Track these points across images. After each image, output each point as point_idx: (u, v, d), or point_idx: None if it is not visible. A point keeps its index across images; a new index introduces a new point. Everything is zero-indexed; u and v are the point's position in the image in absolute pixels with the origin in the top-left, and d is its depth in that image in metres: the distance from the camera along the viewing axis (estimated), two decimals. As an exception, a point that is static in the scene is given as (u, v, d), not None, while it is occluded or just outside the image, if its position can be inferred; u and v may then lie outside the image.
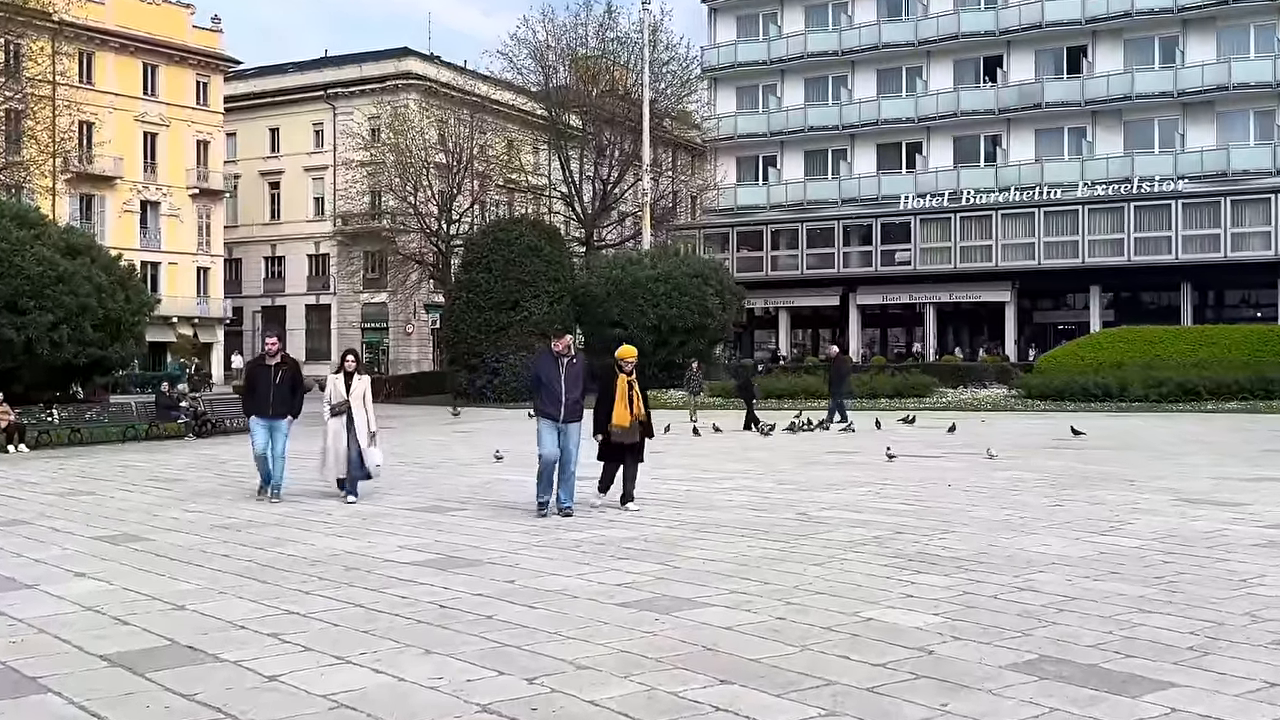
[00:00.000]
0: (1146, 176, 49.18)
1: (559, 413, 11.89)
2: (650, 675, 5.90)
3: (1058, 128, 52.52)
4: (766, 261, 55.50)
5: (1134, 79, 50.30)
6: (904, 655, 6.25)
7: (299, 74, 67.29)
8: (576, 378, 12.01)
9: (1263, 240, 45.68)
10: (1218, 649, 6.35)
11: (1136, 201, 48.03)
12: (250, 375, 14.55)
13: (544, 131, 53.77)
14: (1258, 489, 13.66)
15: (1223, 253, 46.16)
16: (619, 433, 12.24)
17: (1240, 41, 49.13)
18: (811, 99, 57.58)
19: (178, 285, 60.37)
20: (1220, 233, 46.22)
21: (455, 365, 41.33)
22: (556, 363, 12.06)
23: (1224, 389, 31.98)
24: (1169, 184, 48.53)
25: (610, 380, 12.34)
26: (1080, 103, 51.43)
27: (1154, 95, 49.99)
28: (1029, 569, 8.72)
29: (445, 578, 8.63)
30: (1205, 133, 49.53)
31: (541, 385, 12.03)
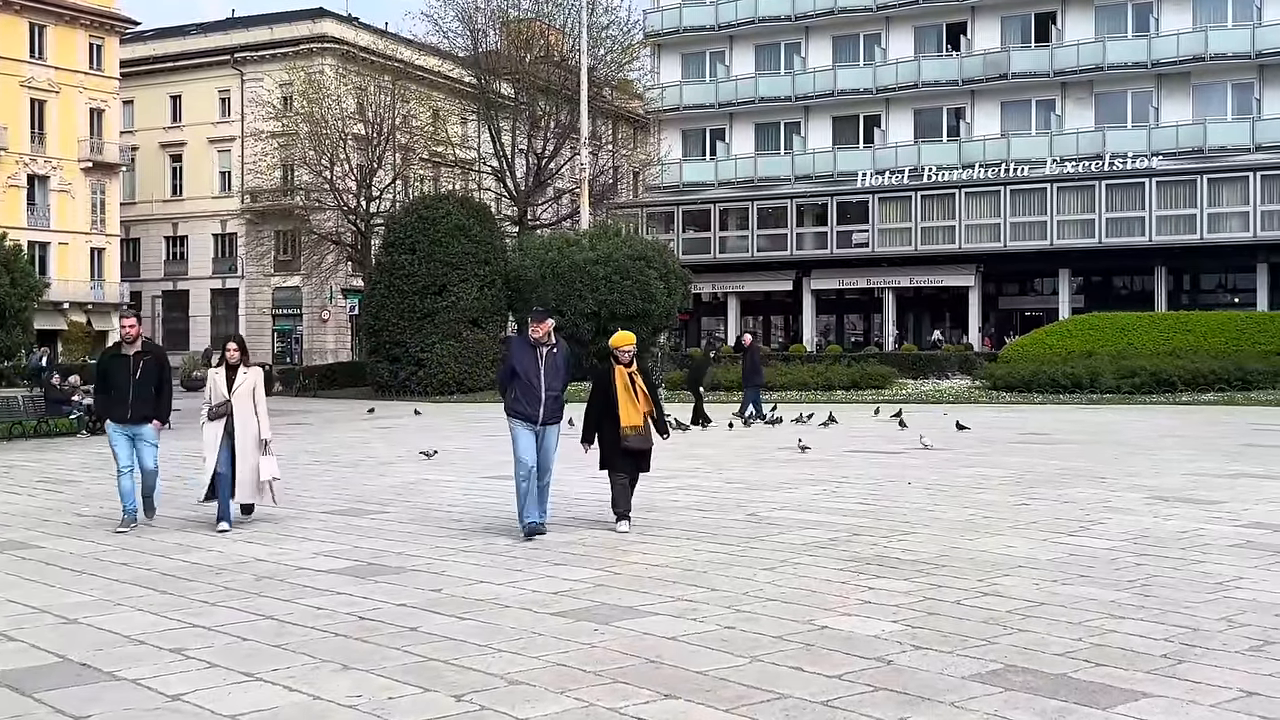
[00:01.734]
0: (1119, 153, 49.91)
1: (537, 412, 10.65)
2: (589, 690, 5.90)
3: (1025, 100, 53.14)
4: (714, 243, 55.66)
5: (1106, 48, 50.99)
6: (861, 666, 6.30)
7: (203, 36, 66.46)
8: (558, 369, 10.77)
9: (1241, 221, 46.53)
10: (1193, 656, 6.46)
11: (1108, 180, 48.72)
12: (102, 368, 12.03)
13: (473, 101, 53.52)
14: (1234, 486, 13.91)
15: (1199, 234, 46.97)
16: (633, 438, 10.90)
17: (1217, 9, 49.96)
18: (763, 68, 57.78)
19: (69, 268, 59.45)
20: (1196, 213, 47.02)
21: (376, 355, 41.06)
22: (534, 352, 10.71)
23: (1200, 379, 32.57)
24: (1142, 161, 49.29)
25: (606, 376, 11.11)
26: (1049, 73, 52.05)
27: (1127, 66, 50.72)
28: (994, 572, 8.82)
29: (365, 586, 8.58)
30: (1180, 106, 50.33)
31: (516, 379, 10.71)
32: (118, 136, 62.43)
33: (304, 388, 45.64)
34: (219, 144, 64.87)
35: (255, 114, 57.92)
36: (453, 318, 39.14)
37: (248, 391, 11.66)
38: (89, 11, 60.01)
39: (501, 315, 42.01)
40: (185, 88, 65.52)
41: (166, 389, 11.91)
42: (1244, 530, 10.68)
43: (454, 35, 51.29)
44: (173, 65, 65.42)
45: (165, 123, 66.22)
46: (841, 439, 21.29)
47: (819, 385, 35.69)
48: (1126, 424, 24.55)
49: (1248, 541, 10.08)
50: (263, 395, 11.81)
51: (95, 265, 61.09)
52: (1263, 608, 7.59)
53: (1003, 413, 28.38)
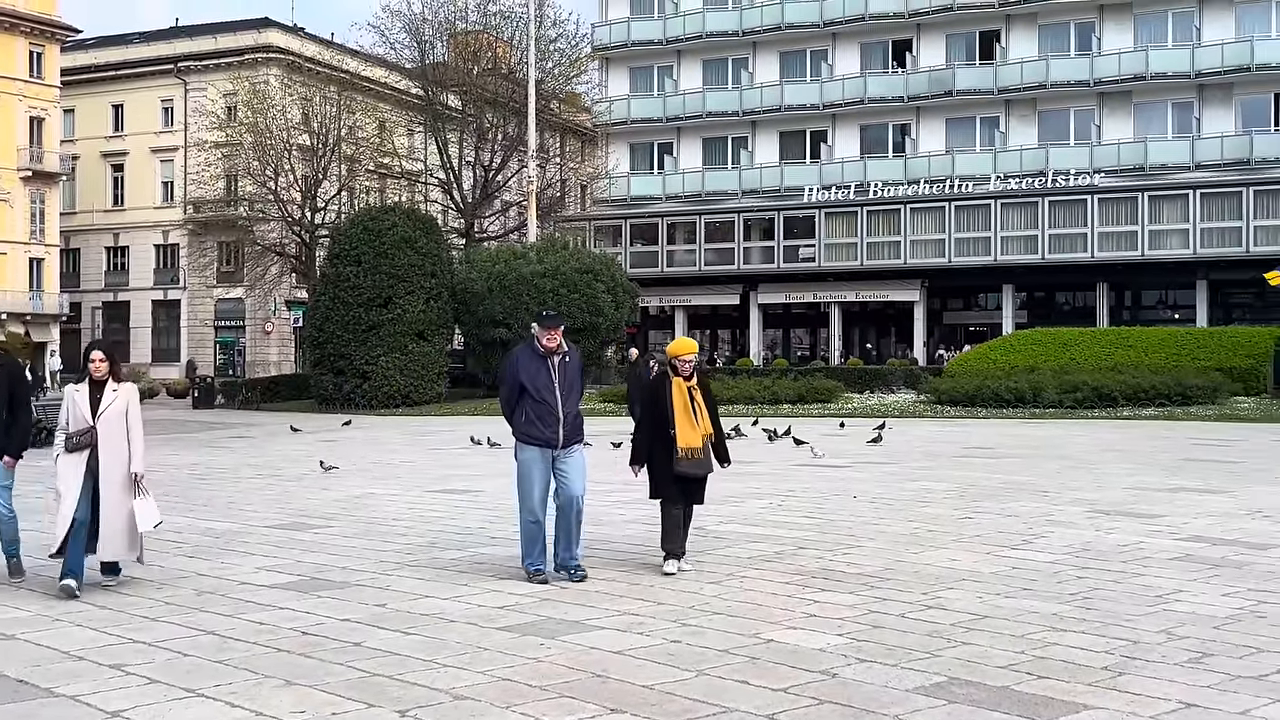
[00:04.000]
0: (1062, 170, 50.54)
1: (557, 434, 9.08)
2: (534, 705, 5.90)
3: (969, 117, 53.71)
4: (662, 256, 55.79)
5: (1049, 66, 51.66)
6: (806, 679, 6.34)
7: (146, 45, 65.82)
8: (574, 382, 9.30)
9: (1181, 238, 47.24)
10: (1133, 669, 6.55)
11: (1051, 196, 49.32)
12: None
13: (420, 112, 53.38)
14: (1175, 500, 14.11)
15: (1140, 251, 47.63)
16: (689, 463, 9.35)
17: (1158, 29, 50.77)
18: (710, 82, 58.03)
19: (7, 278, 58.63)
20: (1138, 230, 47.68)
21: (320, 368, 40.76)
22: (546, 364, 9.18)
23: (1141, 394, 32.98)
24: (1085, 178, 49.94)
25: (661, 389, 9.56)
26: (993, 91, 52.66)
27: (1069, 84, 51.40)
28: (938, 585, 8.90)
29: (309, 601, 8.52)
30: (1122, 124, 51.08)
31: (526, 397, 9.13)
32: (58, 145, 61.70)
33: (246, 401, 45.23)
34: (161, 154, 64.26)
35: (199, 124, 57.44)
36: (398, 330, 38.94)
37: (118, 415, 9.00)
38: (29, 19, 59.30)
39: (448, 328, 41.86)
40: (127, 97, 64.86)
41: (21, 414, 9.47)
42: (1183, 544, 10.84)
43: (401, 47, 51.26)
44: (115, 74, 64.77)
45: (107, 132, 65.50)
46: (788, 452, 21.37)
47: (766, 399, 35.82)
48: (1069, 438, 24.82)
49: (1187, 555, 10.23)
50: (138, 419, 9.16)
51: (34, 275, 60.29)
52: (1201, 620, 7.71)
53: (947, 427, 28.61)
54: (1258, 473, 17.51)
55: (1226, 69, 49.03)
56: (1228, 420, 30.23)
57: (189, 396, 48.69)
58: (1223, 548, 10.56)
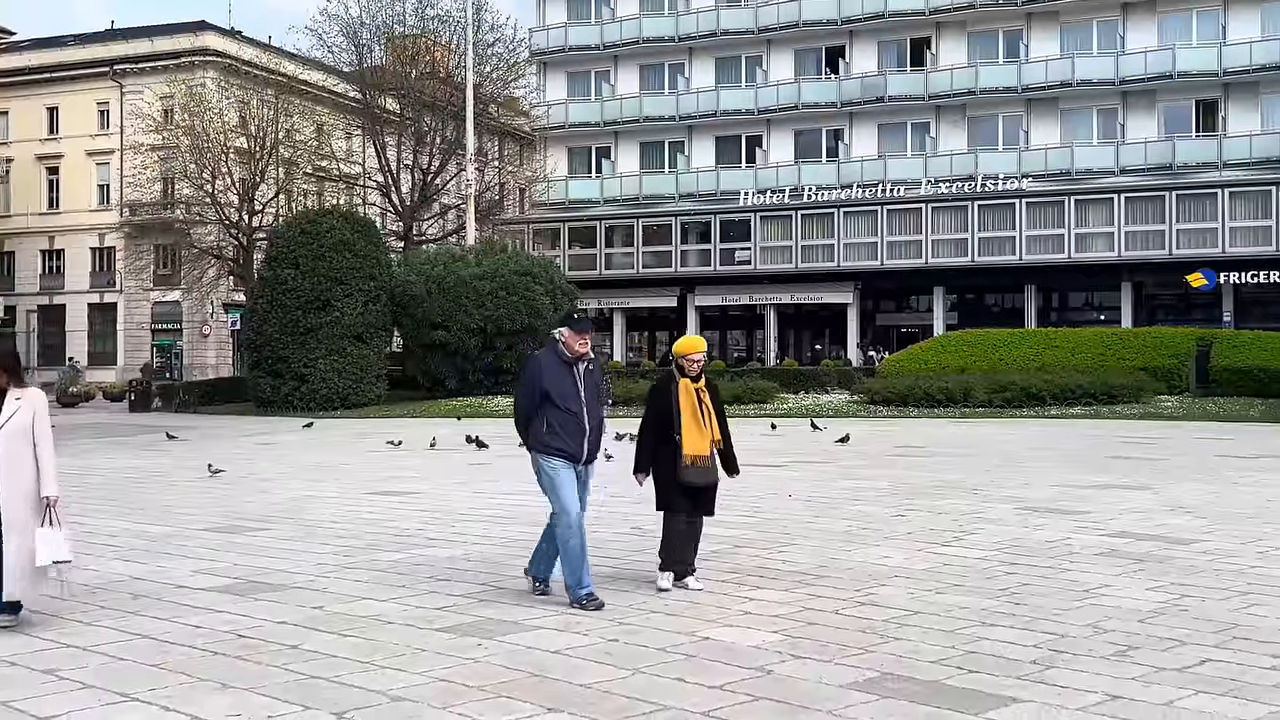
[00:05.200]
0: (990, 174, 51.05)
1: (582, 446, 8.36)
2: (472, 705, 5.87)
3: (901, 122, 54.14)
4: (600, 259, 55.74)
5: (978, 73, 52.20)
6: (742, 676, 6.35)
7: (81, 47, 64.76)
8: (599, 391, 8.66)
9: (1106, 241, 47.90)
10: (1060, 662, 6.63)
11: (980, 200, 49.83)
12: None
13: (358, 116, 52.97)
14: (1101, 496, 14.31)
15: (1067, 254, 48.23)
16: (695, 470, 8.63)
17: (1084, 37, 51.46)
18: (647, 87, 58.11)
19: (-61, 281, 57.48)
20: (1064, 233, 48.27)
21: (257, 371, 40.33)
22: (572, 371, 8.42)
23: (1068, 394, 33.42)
24: (1013, 182, 50.48)
25: (668, 391, 8.79)
26: (924, 97, 53.12)
27: (998, 90, 51.96)
28: (871, 582, 8.96)
29: (246, 604, 8.42)
30: (1049, 130, 51.72)
31: (549, 406, 8.35)
32: (-9, 148, 60.58)
33: (184, 404, 44.65)
34: (97, 156, 63.25)
35: (135, 127, 56.54)
36: (336, 333, 38.61)
37: (20, 430, 7.64)
38: (-39, 20, 58.20)
39: (386, 330, 41.58)
40: (62, 99, 63.76)
41: None
42: (1109, 539, 10.99)
43: (338, 50, 50.80)
44: (49, 76, 63.61)
45: (42, 134, 64.35)
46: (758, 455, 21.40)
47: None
48: (998, 437, 25.10)
49: (1113, 550, 10.37)
50: (46, 432, 7.76)
51: (-33, 279, 59.17)
52: (1126, 614, 7.82)
53: (880, 426, 28.83)
54: (1180, 470, 17.81)
55: (1149, 76, 49.78)
56: (1152, 419, 30.71)
57: (125, 399, 47.99)
58: (1147, 543, 10.73)
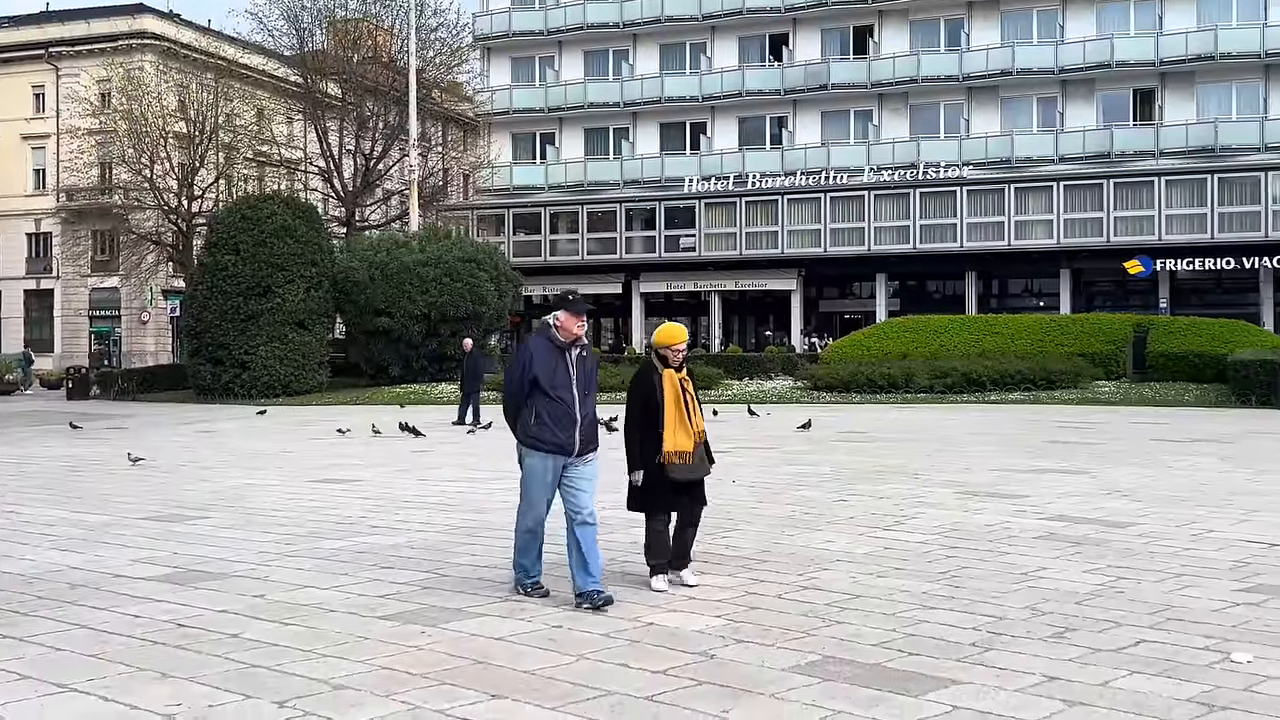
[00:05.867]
0: (932, 162, 51.43)
1: (573, 438, 7.83)
2: (415, 693, 5.85)
3: (844, 110, 54.41)
4: (545, 246, 55.61)
5: (920, 62, 52.54)
6: (685, 661, 6.37)
7: (15, 30, 63.58)
8: (591, 379, 8.06)
9: (1045, 228, 48.41)
10: (999, 644, 6.70)
11: (922, 188, 50.17)
12: None
13: (299, 100, 52.42)
14: (1039, 481, 14.48)
15: (1007, 241, 48.69)
16: (680, 466, 8.16)
17: (1024, 26, 51.94)
18: (591, 73, 58.00)
19: None
20: (1004, 220, 48.74)
21: (198, 358, 39.89)
22: (564, 357, 7.89)
23: (1008, 379, 33.79)
24: (954, 170, 50.89)
25: (650, 382, 8.25)
26: (867, 85, 53.39)
27: (940, 79, 52.35)
28: (813, 567, 9.02)
29: (185, 593, 8.33)
30: (990, 118, 52.19)
31: (538, 394, 7.82)
32: (-76, 131, 59.39)
33: (123, 391, 44.09)
34: (32, 141, 62.19)
35: (71, 110, 55.59)
36: (278, 319, 38.27)
37: None
38: (-110, 0, 56.96)
39: (329, 317, 41.26)
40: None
41: None
42: (1047, 523, 11.12)
43: (279, 34, 50.26)
44: (-18, 59, 62.51)
45: (-26, 118, 63.23)
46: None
47: (646, 387, 35.90)
48: (939, 422, 25.33)
49: (1051, 533, 10.50)
50: None
51: (-102, 265, 58.00)
52: (1064, 596, 7.92)
53: (823, 412, 29.00)
54: (1117, 454, 18.06)
55: (1088, 66, 50.35)
56: (1090, 404, 31.12)
57: (63, 387, 47.30)
58: (1084, 526, 10.87)
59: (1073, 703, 5.59)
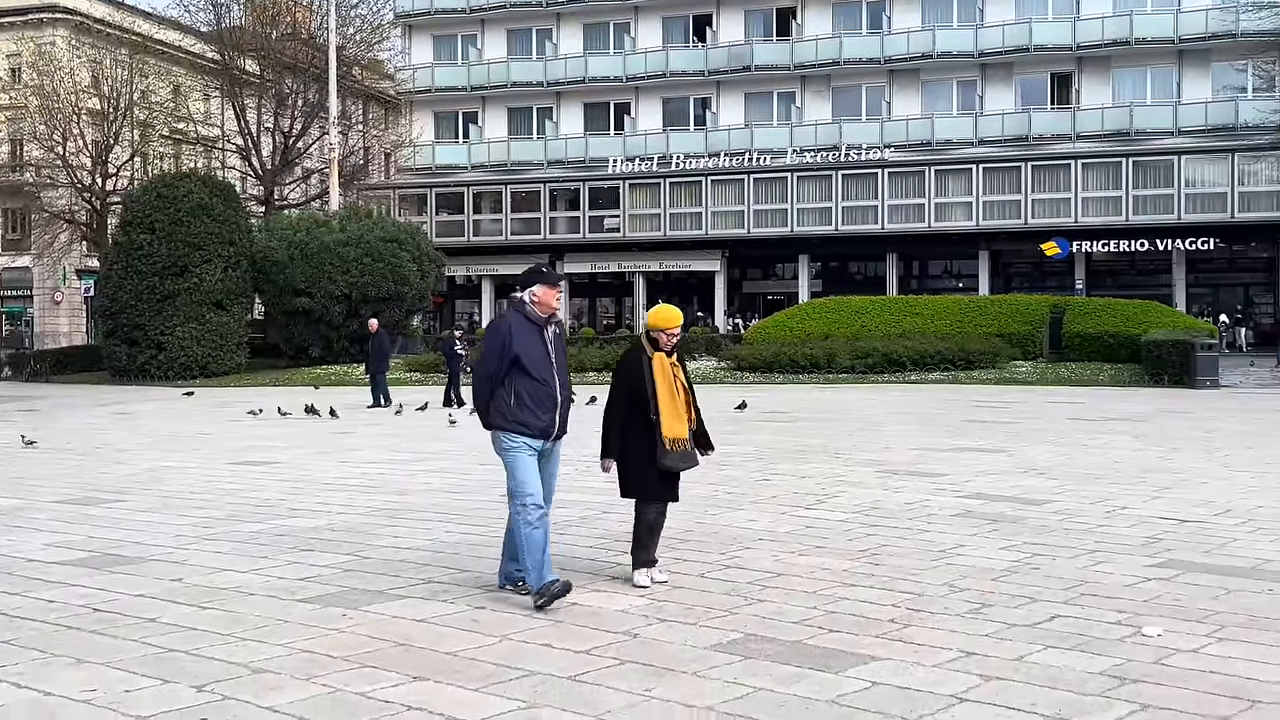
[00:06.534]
0: (854, 144, 51.80)
1: (553, 421, 7.38)
2: (336, 675, 5.80)
3: (767, 92, 54.59)
4: (468, 225, 55.30)
5: (842, 44, 52.83)
6: (608, 640, 6.39)
7: (-80, 1, 61.77)
8: (563, 358, 7.63)
9: (965, 211, 49.03)
10: (918, 620, 6.79)
11: (844, 170, 50.57)
12: None
13: (216, 77, 51.59)
14: (958, 459, 14.68)
15: (927, 223, 49.26)
16: (677, 456, 7.70)
17: (944, 10, 52.37)
18: (515, 52, 57.63)
19: None
20: (925, 203, 49.29)
21: (113, 339, 39.20)
22: (541, 334, 7.41)
23: (927, 359, 34.20)
24: (875, 153, 51.32)
25: (637, 368, 7.74)
26: (789, 67, 53.60)
27: (861, 61, 52.68)
28: (735, 545, 9.07)
29: (101, 578, 8.19)
30: (911, 101, 52.64)
31: (519, 374, 7.30)
32: None
33: (35, 373, 43.21)
34: (-61, 115, 60.57)
35: (-21, 85, 54.27)
36: (195, 299, 37.74)
37: None
38: None
39: (247, 297, 40.73)
40: (-100, 55, 60.84)
41: None
42: (965, 500, 11.28)
43: (196, 9, 49.48)
44: (-115, 31, 60.62)
45: (-122, 91, 61.35)
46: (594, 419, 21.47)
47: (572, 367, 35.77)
48: (860, 402, 25.57)
49: (968, 511, 10.65)
50: None
51: None
52: (980, 572, 8.05)
53: (746, 392, 29.15)
54: (1034, 432, 18.35)
55: (1007, 49, 50.94)
56: (1007, 383, 31.59)
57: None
58: (1001, 504, 11.04)
59: (989, 677, 5.69)
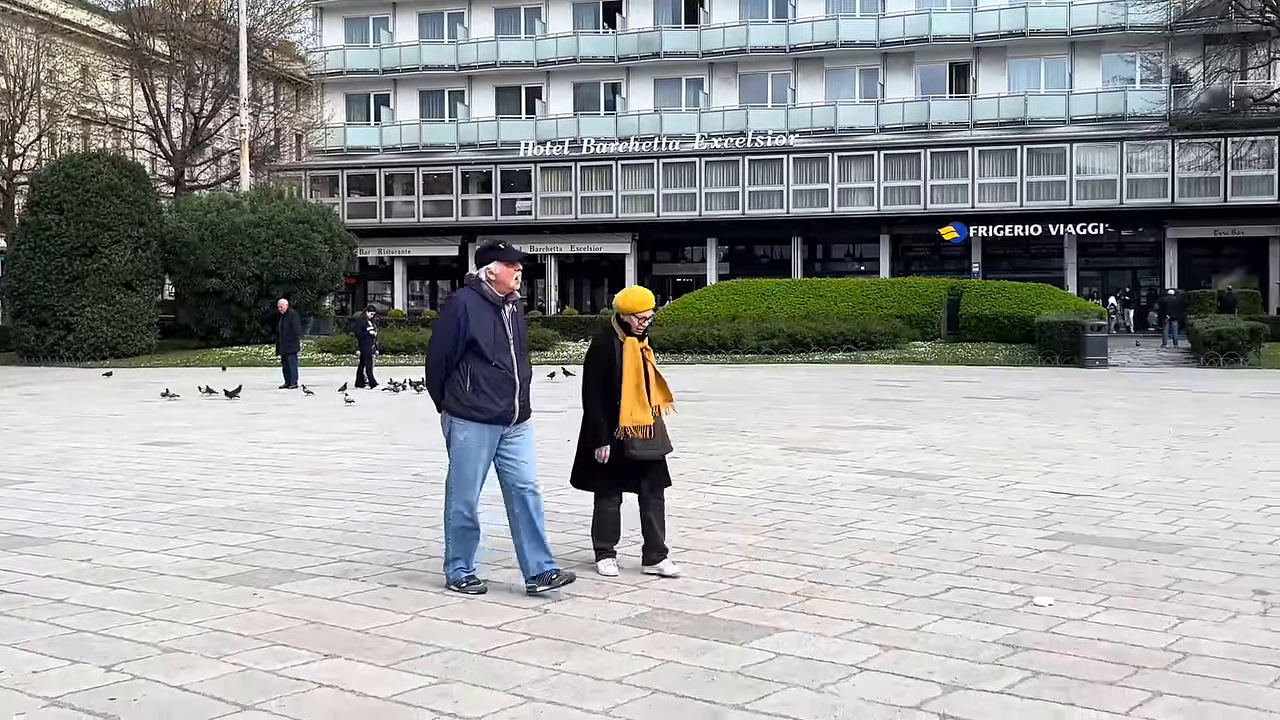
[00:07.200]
0: (760, 131, 52.11)
1: (513, 406, 6.87)
2: (247, 654, 5.72)
3: (676, 78, 54.67)
4: (380, 208, 54.71)
5: (749, 32, 53.06)
6: (519, 616, 6.37)
7: None
8: (524, 339, 7.08)
9: (866, 196, 49.55)
10: (820, 592, 6.87)
11: (751, 156, 50.82)
12: None
13: (125, 57, 50.40)
14: (859, 437, 14.86)
15: (830, 208, 49.70)
16: (640, 443, 7.31)
17: (847, 0, 52.79)
18: (426, 36, 57.08)
19: None
20: (828, 188, 49.72)
21: (21, 319, 38.24)
22: (498, 314, 6.88)
23: (830, 340, 34.58)
24: (781, 139, 51.65)
25: (608, 352, 7.42)
26: (698, 54, 53.71)
27: (767, 49, 52.96)
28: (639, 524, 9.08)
29: (8, 559, 7.99)
30: (815, 89, 53.04)
31: (476, 357, 6.78)
32: None
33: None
34: None
35: (-121, 62, 52.43)
36: (104, 280, 36.95)
37: None
38: None
39: (158, 278, 39.95)
40: None
41: None
42: (866, 476, 11.42)
43: (104, -11, 48.20)
44: None
45: None
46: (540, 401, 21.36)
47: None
48: (766, 382, 25.77)
49: (869, 487, 10.78)
50: None
51: None
52: (880, 546, 8.15)
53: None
54: (932, 410, 18.64)
55: (908, 39, 51.51)
56: (907, 363, 32.04)
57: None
58: (900, 479, 11.20)
59: (888, 647, 5.77)
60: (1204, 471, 11.77)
